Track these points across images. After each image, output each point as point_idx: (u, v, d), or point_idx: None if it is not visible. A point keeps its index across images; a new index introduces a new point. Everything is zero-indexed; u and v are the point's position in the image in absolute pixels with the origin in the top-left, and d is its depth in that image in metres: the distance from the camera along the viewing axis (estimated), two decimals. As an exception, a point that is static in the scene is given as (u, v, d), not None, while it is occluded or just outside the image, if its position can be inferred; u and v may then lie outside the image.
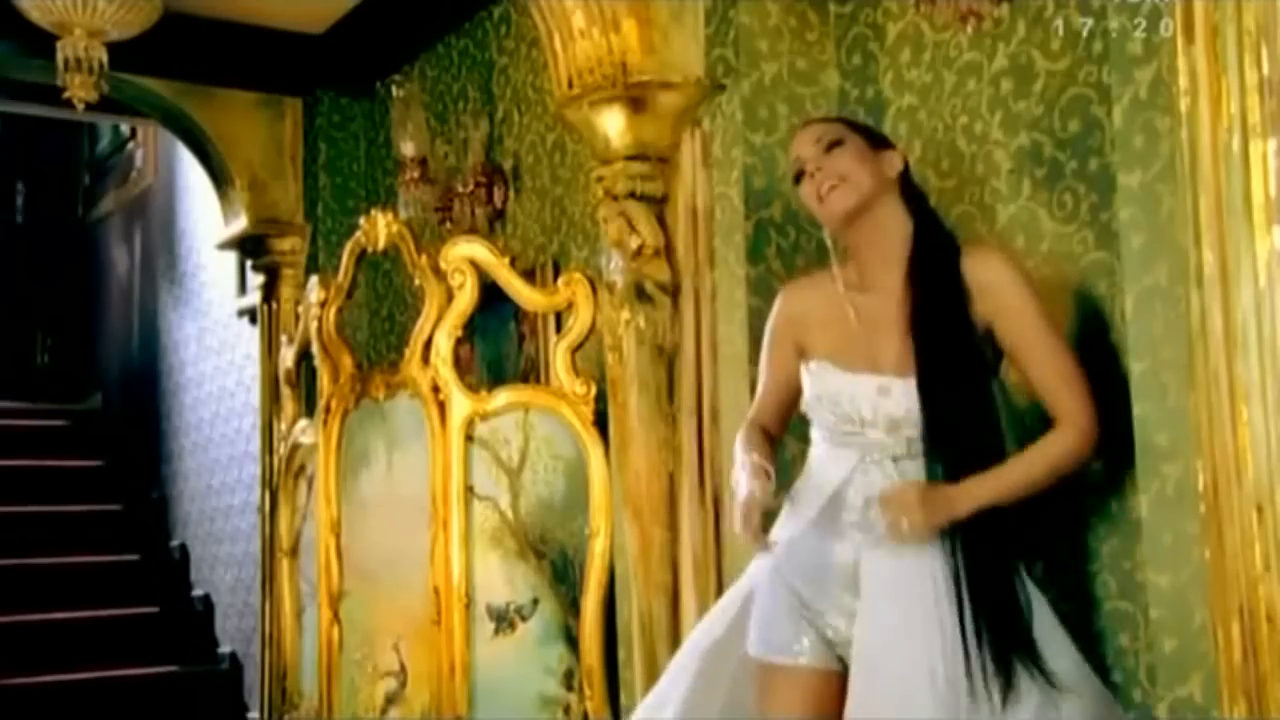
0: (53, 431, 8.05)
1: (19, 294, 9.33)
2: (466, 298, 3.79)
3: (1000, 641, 2.20)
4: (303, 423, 4.53)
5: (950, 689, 2.17)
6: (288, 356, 4.68)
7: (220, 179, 5.29)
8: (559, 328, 3.86)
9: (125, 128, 7.66)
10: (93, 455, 7.82)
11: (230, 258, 5.87)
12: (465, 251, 3.81)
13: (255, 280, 5.43)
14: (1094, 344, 2.53)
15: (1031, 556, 2.41)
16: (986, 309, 2.33)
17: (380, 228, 4.03)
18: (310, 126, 5.28)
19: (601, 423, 3.50)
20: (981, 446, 2.29)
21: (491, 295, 3.86)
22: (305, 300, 4.42)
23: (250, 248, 5.35)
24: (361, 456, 4.09)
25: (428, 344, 3.80)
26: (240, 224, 5.25)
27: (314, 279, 4.42)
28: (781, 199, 3.07)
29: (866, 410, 2.33)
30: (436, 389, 3.76)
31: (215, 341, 6.46)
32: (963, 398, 2.29)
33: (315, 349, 4.29)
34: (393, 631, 3.93)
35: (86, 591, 6.61)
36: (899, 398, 2.31)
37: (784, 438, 2.65)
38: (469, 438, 3.72)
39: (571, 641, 3.61)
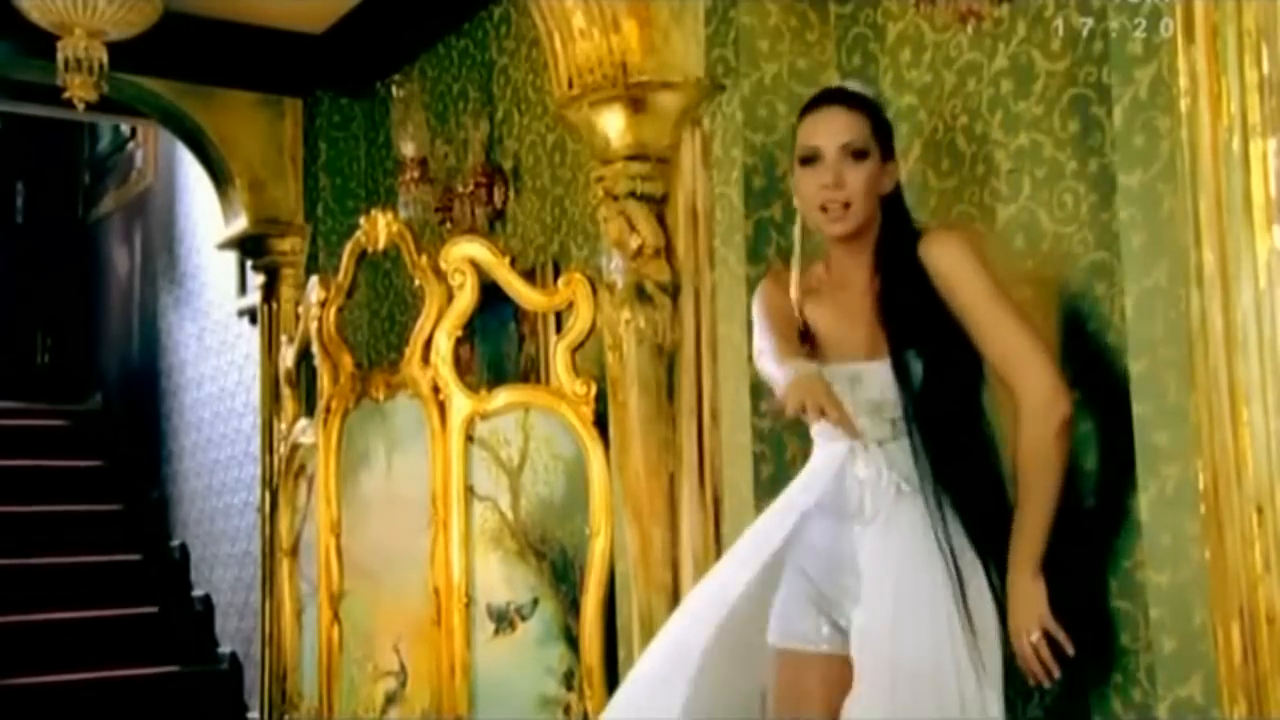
0: (53, 431, 8.05)
1: (19, 294, 9.34)
2: (466, 298, 3.79)
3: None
4: (303, 423, 4.53)
5: (960, 677, 2.17)
6: (288, 356, 4.68)
7: (220, 179, 5.30)
8: (559, 328, 3.86)
9: (125, 128, 7.67)
10: (93, 455, 7.82)
11: (230, 258, 5.88)
12: (465, 251, 3.81)
13: (255, 280, 5.43)
14: (1095, 343, 2.53)
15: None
16: (942, 294, 2.32)
17: (380, 228, 4.03)
18: (310, 126, 5.28)
19: (602, 423, 3.50)
20: (961, 417, 2.29)
21: (491, 295, 3.85)
22: (305, 300, 4.42)
23: (250, 248, 5.35)
24: (362, 456, 4.09)
25: (428, 344, 3.80)
26: (240, 224, 5.26)
27: (314, 279, 4.42)
28: (782, 198, 3.06)
29: (845, 401, 2.32)
30: (436, 389, 3.76)
31: (215, 341, 6.46)
32: (936, 371, 2.29)
33: (315, 349, 4.29)
34: (393, 631, 3.93)
35: (87, 592, 6.61)
36: (871, 381, 2.32)
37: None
38: (469, 438, 3.72)
39: (572, 641, 3.61)
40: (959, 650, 2.21)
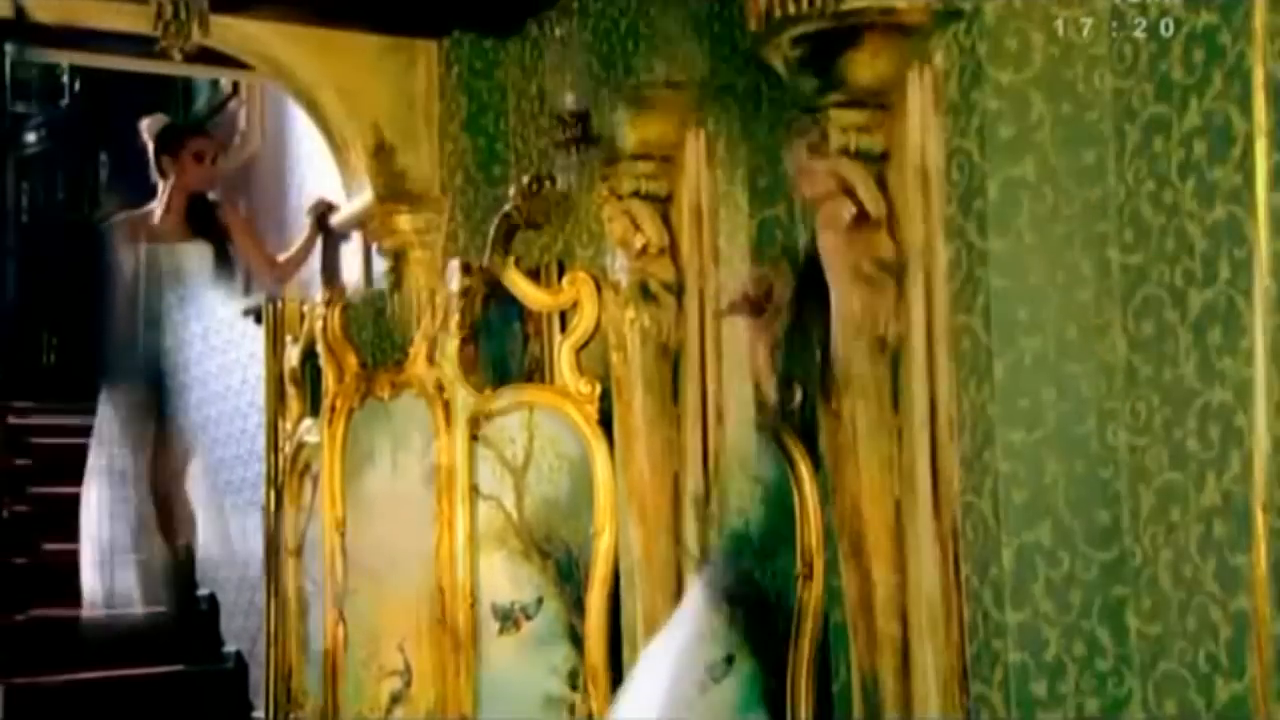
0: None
1: (25, 294, 9.33)
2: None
3: None
4: (307, 422, 4.52)
5: None
6: (292, 356, 4.67)
7: (336, 143, 4.52)
8: (564, 327, 3.85)
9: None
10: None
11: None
12: (470, 250, 3.81)
13: (260, 279, 5.42)
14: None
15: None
16: None
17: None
18: (446, 75, 4.42)
19: (606, 422, 3.50)
20: None
21: (496, 294, 3.85)
22: (310, 300, 4.41)
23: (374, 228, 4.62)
24: (366, 456, 4.09)
25: (433, 343, 3.80)
26: (364, 198, 4.55)
27: (454, 263, 3.95)
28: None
29: None
30: (441, 388, 3.76)
31: (220, 341, 6.46)
32: None
33: (320, 348, 4.28)
34: (398, 631, 3.92)
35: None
36: None
37: None
38: (473, 437, 3.72)
39: (576, 641, 3.61)
40: None
